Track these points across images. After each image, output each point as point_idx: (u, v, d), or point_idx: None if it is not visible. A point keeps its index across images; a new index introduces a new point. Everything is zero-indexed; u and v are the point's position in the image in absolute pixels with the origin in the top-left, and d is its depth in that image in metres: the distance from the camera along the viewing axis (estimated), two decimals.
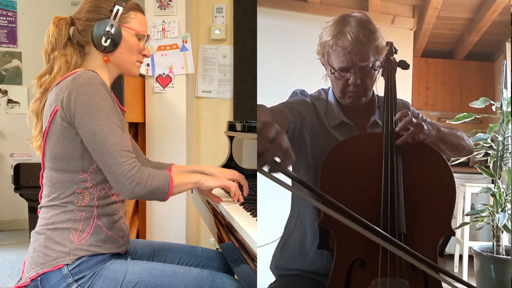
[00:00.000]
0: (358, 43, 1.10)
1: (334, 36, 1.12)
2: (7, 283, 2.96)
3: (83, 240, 1.25)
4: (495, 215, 1.69)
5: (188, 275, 1.30)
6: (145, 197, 1.25)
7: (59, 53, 1.32)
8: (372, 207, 1.02)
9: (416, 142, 1.06)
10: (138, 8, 1.40)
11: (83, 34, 1.34)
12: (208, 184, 1.42)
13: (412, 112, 1.21)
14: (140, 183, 1.19)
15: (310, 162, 1.14)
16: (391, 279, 0.99)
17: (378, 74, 1.16)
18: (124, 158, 1.19)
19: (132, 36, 1.37)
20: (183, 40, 2.82)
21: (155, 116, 2.85)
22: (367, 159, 1.06)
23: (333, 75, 1.15)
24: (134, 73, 1.42)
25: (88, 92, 1.20)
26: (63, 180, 1.26)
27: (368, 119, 1.18)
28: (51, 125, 1.25)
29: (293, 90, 1.19)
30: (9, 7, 4.65)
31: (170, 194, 1.27)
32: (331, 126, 1.16)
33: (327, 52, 1.14)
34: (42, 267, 1.22)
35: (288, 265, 1.18)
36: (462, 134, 1.20)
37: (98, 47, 1.32)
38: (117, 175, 1.18)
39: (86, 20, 1.33)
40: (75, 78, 1.22)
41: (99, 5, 1.33)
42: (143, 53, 1.41)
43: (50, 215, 1.26)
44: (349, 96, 1.15)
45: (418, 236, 1.02)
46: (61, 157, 1.25)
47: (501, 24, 1.22)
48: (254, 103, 2.97)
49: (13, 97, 4.62)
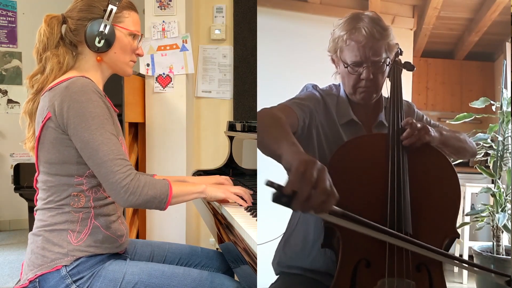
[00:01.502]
0: (372, 38, 1.11)
1: (349, 31, 1.13)
2: (7, 283, 2.96)
3: (81, 241, 1.24)
4: (495, 215, 1.69)
5: (187, 276, 1.29)
6: (141, 206, 1.23)
7: (51, 53, 1.30)
8: (378, 208, 1.02)
9: (422, 144, 1.06)
10: (131, 7, 1.38)
11: (75, 34, 1.32)
12: (215, 195, 1.41)
13: (416, 114, 1.21)
14: (135, 192, 1.18)
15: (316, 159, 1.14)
16: (398, 279, 0.99)
17: (388, 69, 1.16)
18: (118, 167, 1.18)
19: (125, 35, 1.35)
20: (183, 40, 2.82)
21: (155, 116, 2.85)
22: (373, 159, 1.06)
23: (345, 71, 1.15)
24: (127, 72, 1.41)
25: (81, 100, 1.18)
26: (58, 184, 1.25)
27: (375, 118, 1.18)
28: (43, 131, 1.23)
29: (305, 85, 1.19)
30: (9, 7, 4.65)
31: (168, 204, 1.26)
32: (341, 124, 1.16)
33: (340, 47, 1.15)
34: (40, 269, 1.21)
35: (290, 262, 1.18)
36: (465, 137, 1.20)
37: (91, 47, 1.30)
38: (111, 184, 1.18)
39: (79, 20, 1.31)
40: (68, 86, 1.21)
41: (92, 4, 1.31)
42: (137, 52, 1.39)
43: (47, 217, 1.25)
44: (360, 91, 1.15)
45: (424, 237, 1.01)
46: (56, 162, 1.24)
47: (501, 24, 1.22)
48: (254, 103, 2.96)
49: (13, 97, 4.62)
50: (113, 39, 1.31)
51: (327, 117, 1.16)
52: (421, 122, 1.09)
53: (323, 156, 1.13)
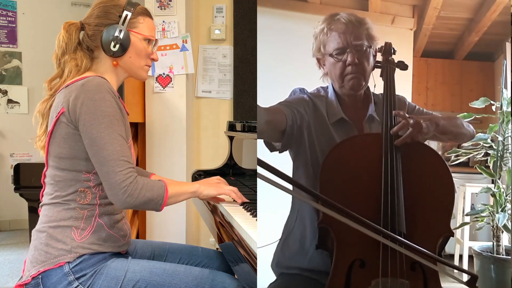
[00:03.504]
0: (351, 25, 1.17)
1: (328, 24, 1.19)
2: (7, 283, 2.96)
3: (84, 238, 1.26)
4: (495, 215, 1.69)
5: (189, 273, 1.30)
6: (138, 208, 1.26)
7: (69, 57, 1.34)
8: (372, 208, 1.02)
9: (415, 142, 1.06)
10: (146, 13, 1.42)
11: (92, 39, 1.36)
12: (207, 193, 1.43)
13: (408, 106, 1.22)
14: (133, 194, 1.20)
15: (309, 160, 1.15)
16: (392, 279, 0.99)
17: (373, 60, 1.18)
18: (120, 168, 1.19)
19: (140, 40, 1.38)
20: (183, 40, 2.82)
21: (155, 116, 2.85)
22: (366, 159, 1.07)
23: (332, 63, 1.18)
24: (142, 77, 1.45)
25: (95, 98, 1.21)
26: (66, 179, 1.27)
27: (365, 113, 1.19)
28: (56, 126, 1.26)
29: (292, 89, 1.21)
30: (9, 7, 4.65)
31: (164, 205, 1.28)
32: (331, 123, 1.17)
33: (323, 41, 1.19)
34: (44, 265, 1.23)
35: (289, 263, 1.18)
36: (462, 121, 1.21)
37: (107, 52, 1.34)
38: (111, 184, 1.19)
39: (96, 26, 1.35)
40: (84, 83, 1.24)
41: (108, 11, 1.35)
42: (152, 57, 1.43)
43: (52, 213, 1.27)
44: (348, 79, 1.17)
45: (418, 236, 1.02)
46: (66, 157, 1.26)
47: (501, 24, 1.22)
48: (254, 103, 2.97)
49: (13, 97, 4.62)
50: (128, 44, 1.35)
51: (317, 118, 1.18)
52: (413, 117, 1.09)
53: (315, 157, 1.14)
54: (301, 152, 1.16)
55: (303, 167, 1.16)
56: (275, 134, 1.14)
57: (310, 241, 1.15)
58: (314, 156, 1.14)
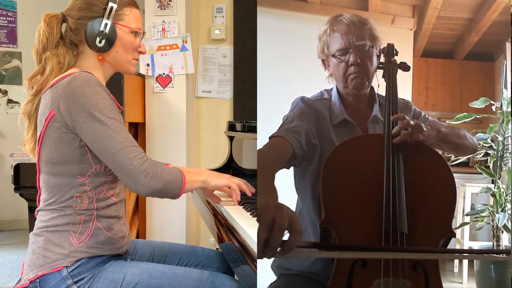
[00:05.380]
0: (353, 25, 1.18)
1: (331, 25, 1.19)
2: (7, 283, 2.96)
3: (82, 242, 1.23)
4: (495, 215, 1.69)
5: (188, 276, 1.29)
6: (161, 192, 1.21)
7: (51, 53, 1.27)
8: (374, 208, 1.02)
9: (415, 141, 1.06)
10: (132, 3, 1.35)
11: (76, 33, 1.29)
12: (216, 183, 1.39)
13: (413, 111, 1.22)
14: (156, 176, 1.17)
15: (316, 165, 1.15)
16: (394, 279, 0.99)
17: (377, 61, 1.19)
18: (134, 153, 1.16)
19: (127, 34, 1.32)
20: (183, 40, 2.82)
21: (155, 116, 2.85)
22: (368, 160, 1.06)
23: (335, 64, 1.19)
24: (130, 71, 1.38)
25: (86, 93, 1.17)
26: (60, 185, 1.23)
27: (370, 114, 1.20)
28: (46, 130, 1.21)
29: (293, 101, 1.21)
30: (9, 7, 4.65)
31: (183, 190, 1.24)
32: (334, 124, 1.17)
33: (326, 42, 1.20)
34: (41, 269, 1.21)
35: (290, 265, 1.18)
36: (465, 133, 1.21)
37: (92, 47, 1.27)
38: (130, 171, 1.15)
39: (79, 19, 1.28)
40: (70, 81, 1.19)
41: (92, 2, 1.28)
42: (139, 50, 1.37)
43: (48, 218, 1.24)
44: (352, 78, 1.18)
45: (420, 237, 1.02)
46: (59, 162, 1.22)
47: (501, 24, 1.22)
48: (254, 103, 2.96)
49: (13, 97, 4.62)
50: (114, 38, 1.29)
51: (321, 123, 1.18)
52: (415, 120, 1.09)
53: (322, 160, 1.13)
54: (314, 159, 1.16)
55: (310, 173, 1.16)
56: (285, 162, 1.13)
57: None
58: (321, 160, 1.13)
